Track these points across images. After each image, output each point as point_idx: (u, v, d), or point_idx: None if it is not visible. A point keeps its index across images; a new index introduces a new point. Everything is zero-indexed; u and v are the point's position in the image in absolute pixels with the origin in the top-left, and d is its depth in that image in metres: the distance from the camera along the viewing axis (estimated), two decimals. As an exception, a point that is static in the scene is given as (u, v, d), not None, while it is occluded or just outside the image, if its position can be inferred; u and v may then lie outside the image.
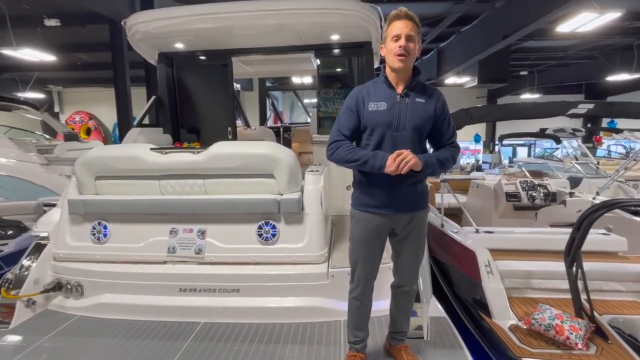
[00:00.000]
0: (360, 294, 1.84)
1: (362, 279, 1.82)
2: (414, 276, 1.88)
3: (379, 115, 1.70)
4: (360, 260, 1.80)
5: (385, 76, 1.75)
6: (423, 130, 1.73)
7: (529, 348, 2.08)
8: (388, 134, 1.69)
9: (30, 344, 2.14)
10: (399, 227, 1.77)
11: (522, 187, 5.05)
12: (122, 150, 2.73)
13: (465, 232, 3.21)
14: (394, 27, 1.66)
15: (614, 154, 10.98)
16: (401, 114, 1.69)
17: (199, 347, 2.08)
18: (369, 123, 1.72)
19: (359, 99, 1.74)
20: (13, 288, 2.46)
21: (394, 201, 1.68)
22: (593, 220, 2.25)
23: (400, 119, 1.69)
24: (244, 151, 2.50)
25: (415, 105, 1.70)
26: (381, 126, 1.70)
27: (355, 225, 1.81)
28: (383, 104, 1.70)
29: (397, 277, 1.89)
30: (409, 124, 1.69)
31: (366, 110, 1.72)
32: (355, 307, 1.87)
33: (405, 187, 1.70)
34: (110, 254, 2.57)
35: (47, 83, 15.31)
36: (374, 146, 1.71)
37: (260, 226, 2.48)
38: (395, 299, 1.93)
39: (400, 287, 1.88)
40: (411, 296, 1.92)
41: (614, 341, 2.09)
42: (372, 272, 1.84)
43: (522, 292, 2.66)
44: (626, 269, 2.70)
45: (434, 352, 1.97)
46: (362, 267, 1.81)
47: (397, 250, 1.85)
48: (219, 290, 2.40)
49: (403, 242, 1.80)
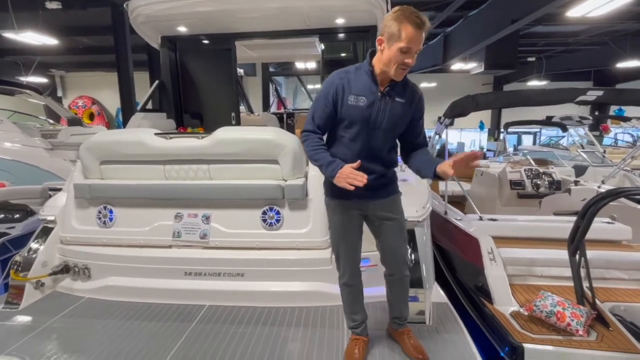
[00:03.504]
0: (349, 279, 1.87)
1: (347, 265, 1.85)
2: (401, 263, 1.87)
3: (358, 111, 1.65)
4: (342, 246, 1.83)
5: (371, 69, 1.67)
6: (398, 129, 1.75)
7: (529, 334, 2.10)
8: (364, 130, 1.68)
9: (40, 324, 2.19)
10: (372, 214, 1.79)
11: (526, 175, 5.02)
12: (126, 135, 2.72)
13: (469, 219, 3.21)
14: (409, 35, 1.50)
15: (621, 142, 10.86)
16: (380, 112, 1.67)
17: (204, 329, 2.12)
18: (347, 117, 1.68)
19: (339, 89, 1.67)
20: (22, 270, 2.50)
21: (362, 190, 1.66)
22: (598, 208, 2.24)
23: (379, 118, 1.67)
24: (248, 136, 2.49)
25: (395, 105, 1.68)
26: (359, 122, 1.67)
27: (332, 214, 1.84)
28: (363, 99, 1.65)
29: (385, 266, 1.90)
30: (387, 123, 1.68)
31: (345, 103, 1.66)
32: (347, 292, 1.90)
33: (373, 180, 1.68)
34: (116, 238, 2.60)
35: (50, 67, 15.23)
36: (348, 140, 1.71)
37: (264, 212, 2.49)
38: (388, 287, 1.95)
39: (391, 276, 1.90)
40: (403, 283, 1.91)
41: (614, 328, 2.11)
42: (355, 257, 1.86)
43: (524, 279, 2.68)
44: (629, 257, 2.70)
45: (435, 337, 2.00)
46: (345, 253, 1.84)
47: (377, 236, 1.87)
48: (224, 274, 2.44)
49: (380, 227, 1.82)
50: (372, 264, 2.25)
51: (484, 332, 2.27)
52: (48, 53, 11.24)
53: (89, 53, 12.32)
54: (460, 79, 15.93)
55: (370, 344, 1.92)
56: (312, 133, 1.73)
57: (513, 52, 9.97)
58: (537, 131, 17.80)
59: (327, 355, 1.88)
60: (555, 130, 12.67)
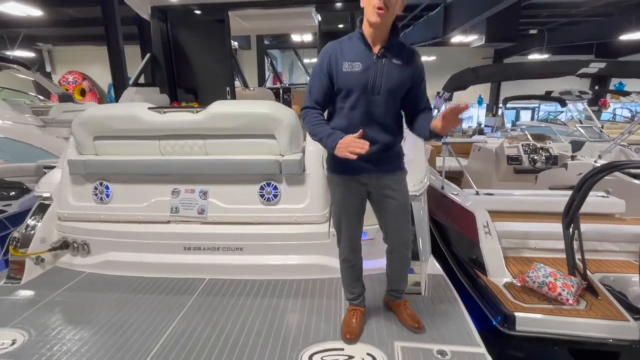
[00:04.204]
0: (349, 254, 1.88)
1: (347, 241, 1.85)
2: (402, 242, 1.86)
3: (354, 77, 1.60)
4: (343, 223, 1.82)
5: (361, 32, 1.62)
6: (398, 94, 1.67)
7: (521, 303, 2.17)
8: (363, 97, 1.63)
9: (43, 298, 2.23)
10: (375, 189, 1.77)
11: (524, 151, 5.03)
12: (119, 109, 2.66)
13: (466, 194, 3.23)
14: None
15: (619, 117, 10.82)
16: (377, 76, 1.61)
17: (205, 301, 2.16)
18: (343, 85, 1.63)
19: (332, 58, 1.63)
20: (21, 246, 2.51)
21: (366, 165, 1.64)
22: (594, 182, 2.25)
23: (376, 82, 1.61)
24: (244, 111, 2.44)
25: (391, 67, 1.62)
26: (356, 89, 1.62)
27: (334, 190, 1.82)
28: (358, 64, 1.60)
29: (387, 242, 1.91)
30: (385, 87, 1.62)
31: (340, 71, 1.62)
32: (346, 267, 1.92)
33: (377, 151, 1.66)
34: (113, 214, 2.60)
35: (36, 41, 14.66)
36: (348, 109, 1.66)
37: (262, 187, 2.48)
38: (388, 262, 1.96)
39: (392, 252, 1.91)
40: (403, 259, 1.91)
41: (603, 297, 2.18)
42: (356, 234, 1.86)
43: (518, 251, 2.73)
44: (621, 230, 2.75)
45: (430, 307, 2.05)
46: (346, 229, 1.83)
47: (379, 214, 1.85)
48: (223, 248, 2.46)
49: (382, 205, 1.79)
50: (370, 238, 2.28)
51: (477, 302, 2.33)
52: (33, 25, 10.80)
53: (77, 25, 11.83)
54: (460, 52, 15.60)
55: (367, 315, 1.97)
56: (311, 109, 1.69)
57: (515, 24, 9.71)
58: (536, 107, 17.67)
59: (325, 324, 1.93)
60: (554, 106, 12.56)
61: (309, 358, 1.68)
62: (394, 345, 1.75)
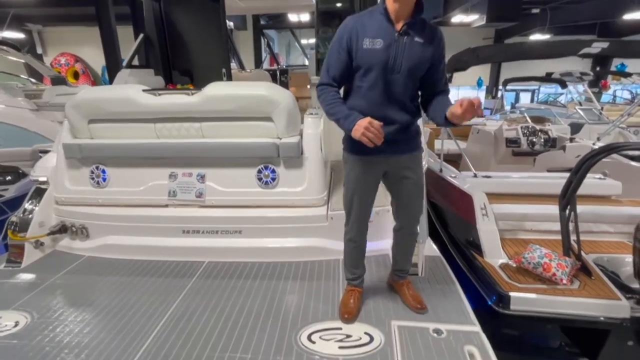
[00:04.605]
0: (355, 235, 1.88)
1: (356, 221, 1.85)
2: (413, 219, 1.90)
3: (374, 54, 1.56)
4: (355, 203, 1.81)
5: (385, 8, 1.58)
6: (418, 73, 1.63)
7: (516, 284, 2.20)
8: (382, 76, 1.59)
9: (44, 281, 2.25)
10: (393, 169, 1.75)
11: (522, 133, 5.01)
12: (113, 91, 2.62)
13: (464, 176, 3.24)
14: None
15: (619, 99, 10.74)
16: (398, 54, 1.56)
17: (204, 284, 2.19)
18: (363, 63, 1.58)
19: (352, 34, 1.57)
20: (19, 231, 2.52)
21: (385, 145, 1.61)
22: (593, 163, 2.26)
23: (397, 60, 1.57)
24: (240, 93, 2.40)
25: (413, 45, 1.57)
26: (376, 67, 1.57)
27: (349, 170, 1.80)
28: (379, 41, 1.55)
29: (397, 221, 1.92)
30: (405, 66, 1.57)
31: (360, 47, 1.56)
32: (351, 248, 1.93)
33: (395, 132, 1.64)
34: (111, 198, 2.60)
35: (25, 21, 14.24)
36: (366, 88, 1.62)
37: (259, 170, 2.47)
38: (396, 241, 1.98)
39: (401, 230, 1.92)
40: (412, 238, 1.95)
41: (596, 277, 2.22)
42: (366, 215, 1.86)
43: (514, 233, 2.76)
44: (617, 211, 2.78)
45: (427, 287, 2.08)
46: (357, 210, 1.82)
47: (393, 193, 1.85)
48: (222, 232, 2.47)
49: (398, 184, 1.79)
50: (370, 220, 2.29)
51: (473, 283, 2.37)
52: (21, 5, 10.47)
53: (66, 5, 11.48)
54: (461, 33, 15.26)
55: (365, 295, 2.00)
56: (328, 86, 1.65)
57: (517, 2, 9.49)
58: (536, 88, 17.49)
59: (323, 305, 1.96)
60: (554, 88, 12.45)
61: (307, 337, 1.71)
62: (391, 324, 1.79)
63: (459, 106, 1.47)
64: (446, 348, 1.61)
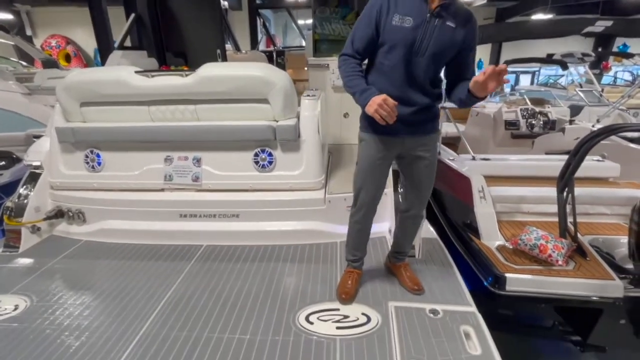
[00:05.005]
0: (362, 217, 1.86)
1: (365, 203, 1.82)
2: (422, 202, 1.88)
3: (402, 33, 1.50)
4: (367, 184, 1.78)
5: None
6: (443, 59, 1.57)
7: (512, 265, 2.22)
8: (405, 56, 1.53)
9: (42, 265, 2.25)
10: (408, 150, 1.72)
11: (522, 115, 4.97)
12: (104, 73, 2.55)
13: (462, 159, 3.22)
14: None
15: (620, 80, 10.64)
16: (425, 37, 1.50)
17: (203, 267, 2.20)
18: (388, 40, 1.53)
19: (383, 8, 1.51)
20: (15, 216, 2.50)
21: (402, 125, 1.58)
22: (592, 145, 2.24)
23: (424, 42, 1.50)
24: (235, 73, 2.35)
25: (444, 29, 1.50)
26: (400, 46, 1.52)
27: (363, 149, 1.76)
28: (409, 19, 1.49)
29: (405, 202, 1.90)
30: (430, 51, 1.51)
31: (389, 23, 1.51)
32: (356, 230, 1.92)
33: (413, 113, 1.61)
34: (106, 182, 2.58)
35: (13, 1, 13.80)
36: (388, 67, 1.57)
37: (256, 153, 2.45)
38: (402, 223, 1.97)
39: (408, 211, 1.90)
40: (418, 220, 1.94)
41: (592, 258, 2.24)
42: (376, 197, 1.83)
43: (512, 215, 2.77)
44: (614, 193, 2.78)
45: (424, 269, 2.10)
46: (367, 191, 1.79)
47: (406, 173, 1.83)
48: (219, 215, 2.47)
49: (412, 165, 1.77)
50: None
51: (470, 264, 2.39)
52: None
53: (55, -17, 11.08)
54: (461, 13, 14.91)
55: (363, 277, 2.01)
56: (351, 57, 1.60)
57: (519, -20, 9.23)
58: (536, 70, 17.28)
59: (321, 287, 1.98)
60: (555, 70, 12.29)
61: (305, 318, 1.73)
62: (388, 305, 1.81)
63: (482, 74, 1.42)
64: (442, 328, 1.63)
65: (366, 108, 1.51)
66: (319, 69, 3.44)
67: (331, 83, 3.45)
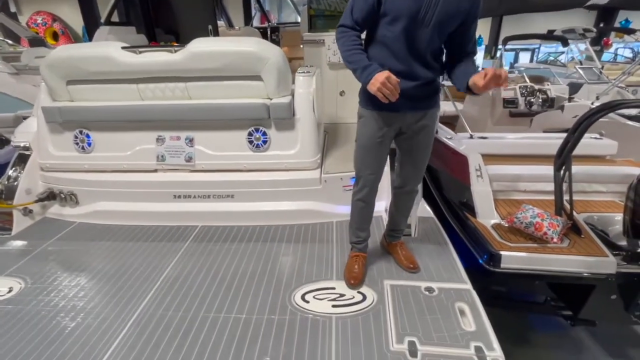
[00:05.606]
0: (366, 195, 1.83)
1: (368, 181, 1.79)
2: (418, 177, 1.87)
3: (405, 3, 1.43)
4: (369, 161, 1.75)
5: None
6: (447, 29, 1.51)
7: (508, 243, 2.23)
8: (409, 27, 1.46)
9: (35, 247, 2.23)
10: (409, 126, 1.69)
11: (520, 93, 4.90)
12: (90, 49, 2.45)
13: (459, 138, 3.18)
14: None
15: (620, 57, 10.48)
16: (431, 6, 1.43)
17: (198, 247, 2.19)
18: (391, 10, 1.46)
19: None
20: (6, 198, 2.46)
21: (403, 100, 1.53)
22: (591, 123, 2.21)
23: (428, 13, 1.44)
24: (226, 49, 2.26)
25: None
26: (404, 17, 1.45)
27: (362, 126, 1.71)
28: None
29: (400, 178, 1.88)
30: (436, 20, 1.45)
31: None
32: (360, 208, 1.88)
33: (415, 87, 1.56)
34: (98, 163, 2.53)
35: (-6, -24, 13.18)
36: (390, 39, 1.50)
37: (250, 133, 2.40)
38: (396, 199, 1.95)
39: (403, 187, 1.88)
40: (413, 195, 1.93)
41: (586, 235, 2.25)
42: (379, 174, 1.80)
43: (508, 194, 2.76)
44: (611, 171, 2.77)
45: (420, 248, 2.11)
46: (370, 168, 1.76)
47: (404, 149, 1.80)
48: (214, 196, 2.44)
49: (411, 140, 1.73)
50: None
51: (465, 243, 2.40)
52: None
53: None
54: (461, -13, 14.48)
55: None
56: (350, 29, 1.53)
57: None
58: (536, 47, 16.98)
59: (317, 266, 1.98)
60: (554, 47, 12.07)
61: (301, 297, 1.74)
62: (383, 283, 1.81)
63: (483, 76, 1.38)
64: (437, 305, 1.65)
65: (368, 86, 1.45)
66: (314, 45, 3.34)
67: (327, 59, 3.35)
